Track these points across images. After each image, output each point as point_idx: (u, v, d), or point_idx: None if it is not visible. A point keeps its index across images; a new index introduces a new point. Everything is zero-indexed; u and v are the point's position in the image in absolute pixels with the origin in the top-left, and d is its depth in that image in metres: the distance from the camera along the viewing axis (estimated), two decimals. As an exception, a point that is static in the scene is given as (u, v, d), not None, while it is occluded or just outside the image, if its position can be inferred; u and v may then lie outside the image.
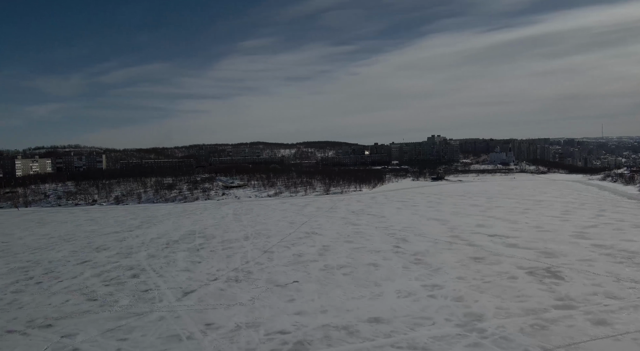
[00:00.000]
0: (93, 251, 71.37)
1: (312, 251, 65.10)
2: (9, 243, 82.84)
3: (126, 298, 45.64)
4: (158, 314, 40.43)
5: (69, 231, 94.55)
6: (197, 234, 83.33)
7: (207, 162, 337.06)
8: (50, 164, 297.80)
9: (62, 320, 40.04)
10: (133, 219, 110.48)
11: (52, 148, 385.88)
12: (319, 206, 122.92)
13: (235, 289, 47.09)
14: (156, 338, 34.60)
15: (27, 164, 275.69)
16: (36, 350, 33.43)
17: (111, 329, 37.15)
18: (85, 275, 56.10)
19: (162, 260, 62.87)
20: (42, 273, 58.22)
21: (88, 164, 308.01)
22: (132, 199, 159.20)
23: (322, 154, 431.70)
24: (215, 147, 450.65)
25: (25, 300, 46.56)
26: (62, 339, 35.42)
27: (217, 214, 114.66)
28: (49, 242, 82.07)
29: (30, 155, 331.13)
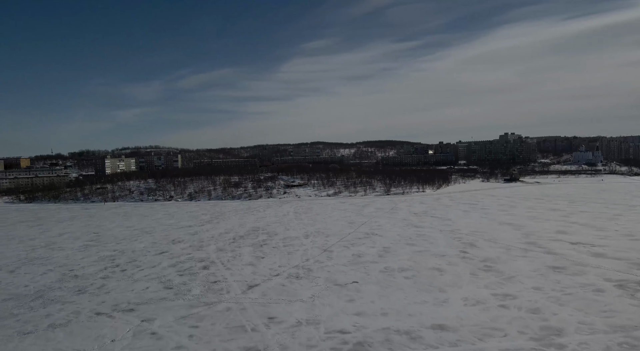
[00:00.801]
0: (169, 243, 77.74)
1: (372, 252, 64.15)
2: (99, 233, 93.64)
3: (198, 288, 48.89)
4: (225, 305, 42.70)
5: (149, 224, 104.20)
6: (260, 231, 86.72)
7: (270, 161, 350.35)
8: (134, 163, 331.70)
9: (142, 305, 44.08)
10: (204, 215, 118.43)
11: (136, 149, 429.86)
12: (379, 207, 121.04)
13: (296, 286, 48.03)
14: (224, 328, 36.54)
15: (115, 163, 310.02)
16: (120, 332, 37.12)
17: (184, 316, 40.04)
18: (163, 265, 61.20)
19: (229, 254, 66.38)
20: (127, 261, 64.75)
21: (166, 163, 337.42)
22: (203, 196, 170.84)
23: (383, 153, 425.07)
24: (278, 147, 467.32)
25: (111, 285, 52.09)
26: (142, 323, 38.94)
27: (279, 211, 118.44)
28: (132, 234, 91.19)
29: (117, 155, 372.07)
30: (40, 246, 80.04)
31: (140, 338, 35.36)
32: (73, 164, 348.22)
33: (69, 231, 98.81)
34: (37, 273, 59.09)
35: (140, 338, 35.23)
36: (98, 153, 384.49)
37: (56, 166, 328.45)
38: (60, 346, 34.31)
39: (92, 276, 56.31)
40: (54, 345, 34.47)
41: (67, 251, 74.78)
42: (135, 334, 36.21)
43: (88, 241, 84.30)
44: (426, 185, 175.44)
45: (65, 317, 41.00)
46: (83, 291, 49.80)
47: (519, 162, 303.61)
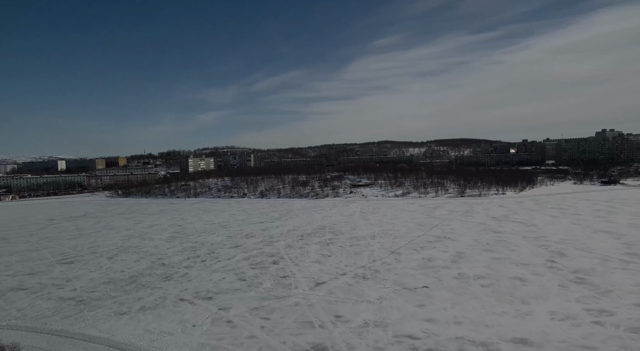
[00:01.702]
0: (243, 238, 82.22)
1: (444, 256, 60.96)
2: (183, 226, 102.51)
3: (268, 282, 50.92)
4: (294, 300, 43.83)
5: (225, 219, 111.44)
6: (327, 229, 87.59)
7: (336, 161, 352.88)
8: (212, 162, 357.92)
9: (219, 294, 47.15)
10: (274, 212, 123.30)
11: (214, 149, 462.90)
12: (452, 209, 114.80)
13: (362, 286, 47.51)
14: (292, 322, 37.52)
15: (196, 162, 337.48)
16: (200, 318, 40.08)
17: (257, 307, 41.96)
18: (237, 258, 64.89)
19: (297, 251, 68.10)
20: (206, 253, 69.85)
21: (240, 162, 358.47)
22: (273, 194, 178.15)
23: (456, 152, 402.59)
24: (344, 146, 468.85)
25: (193, 274, 56.55)
26: (219, 311, 41.63)
27: (345, 211, 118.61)
28: (211, 227, 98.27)
29: (198, 155, 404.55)
30: (134, 236, 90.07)
31: (217, 325, 37.84)
32: (162, 163, 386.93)
33: (157, 223, 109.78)
34: (131, 260, 66.51)
35: (218, 325, 37.69)
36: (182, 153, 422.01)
37: (148, 164, 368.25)
38: (149, 327, 38.11)
39: (177, 265, 61.75)
40: (144, 326, 38.40)
41: (156, 241, 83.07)
42: (214, 321, 38.84)
43: (173, 233, 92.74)
44: (507, 187, 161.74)
45: (154, 301, 45.49)
46: (169, 278, 54.85)
47: (620, 162, 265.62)
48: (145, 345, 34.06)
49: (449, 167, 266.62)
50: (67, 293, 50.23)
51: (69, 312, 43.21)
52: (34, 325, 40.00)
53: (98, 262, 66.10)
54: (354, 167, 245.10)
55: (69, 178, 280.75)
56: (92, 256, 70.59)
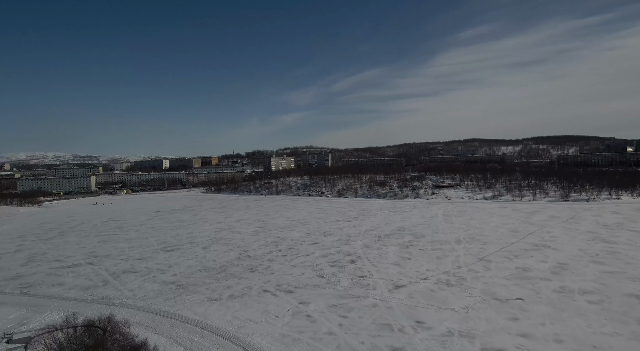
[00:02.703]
0: (321, 235, 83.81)
1: (543, 267, 54.59)
2: (266, 221, 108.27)
3: (346, 280, 51.01)
4: (372, 300, 43.16)
5: (304, 217, 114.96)
6: (406, 231, 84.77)
7: (417, 160, 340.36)
8: (293, 162, 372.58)
9: (299, 288, 48.62)
10: (351, 211, 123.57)
11: (294, 149, 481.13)
12: (553, 215, 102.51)
13: (446, 293, 44.83)
14: (370, 323, 36.95)
15: (278, 162, 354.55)
16: (282, 310, 41.73)
17: (335, 305, 42.30)
18: (316, 255, 66.29)
19: (375, 251, 67.09)
20: (287, 248, 72.70)
21: (318, 161, 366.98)
22: (350, 193, 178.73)
23: (559, 151, 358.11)
24: (426, 145, 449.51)
25: (275, 267, 59.24)
26: (299, 305, 42.87)
27: (426, 213, 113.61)
28: (291, 224, 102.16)
29: (280, 154, 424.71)
30: (224, 229, 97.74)
31: (297, 318, 39.00)
32: (248, 162, 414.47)
33: (244, 218, 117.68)
34: (221, 251, 72.19)
35: (298, 318, 38.83)
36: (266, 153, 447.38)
37: (236, 163, 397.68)
38: (236, 314, 40.83)
39: (261, 258, 65.34)
40: (232, 313, 41.25)
41: (243, 234, 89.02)
42: (294, 314, 40.13)
43: (258, 227, 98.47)
44: (622, 191, 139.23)
45: (241, 290, 48.66)
46: (254, 269, 58.27)
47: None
48: (233, 331, 36.53)
49: (550, 168, 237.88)
50: (169, 277, 56.38)
51: (170, 295, 48.42)
52: (142, 304, 45.62)
53: (194, 251, 73.07)
54: (436, 167, 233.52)
55: (171, 175, 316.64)
56: (189, 246, 78.32)
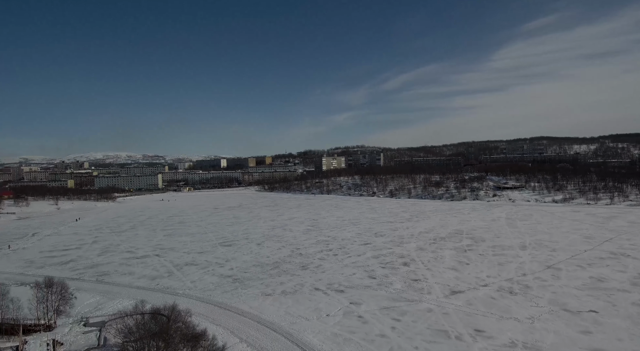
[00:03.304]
0: (372, 236, 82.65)
1: (621, 277, 48.96)
2: (317, 220, 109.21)
3: (399, 283, 49.70)
4: (427, 305, 41.57)
5: (355, 217, 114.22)
6: (464, 235, 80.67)
7: (476, 160, 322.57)
8: (343, 161, 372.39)
9: (350, 288, 48.27)
10: (404, 212, 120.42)
11: (345, 148, 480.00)
12: (634, 220, 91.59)
13: (509, 302, 41.87)
14: (425, 328, 35.57)
15: (329, 161, 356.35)
16: (333, 308, 41.67)
17: (387, 307, 41.38)
18: (367, 255, 65.48)
19: (429, 254, 64.65)
20: (337, 247, 72.66)
21: (370, 161, 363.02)
22: (403, 194, 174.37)
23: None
24: (487, 144, 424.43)
25: (326, 266, 59.42)
26: (350, 305, 42.53)
27: (486, 216, 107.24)
28: (342, 223, 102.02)
29: (331, 154, 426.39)
30: (277, 227, 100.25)
31: (349, 318, 38.72)
32: (299, 161, 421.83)
33: (296, 216, 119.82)
34: (274, 248, 74.05)
35: (349, 318, 38.54)
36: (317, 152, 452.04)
37: (288, 163, 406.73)
38: (289, 310, 41.54)
39: (312, 256, 65.97)
40: (285, 309, 42.05)
41: (295, 232, 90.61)
42: (345, 314, 39.90)
43: (309, 226, 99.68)
44: None
45: (293, 287, 49.47)
46: (305, 267, 58.98)
47: None
48: (286, 326, 37.19)
49: (630, 169, 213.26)
50: (226, 271, 58.98)
51: (227, 288, 50.60)
52: (202, 295, 48.15)
53: (249, 247, 75.77)
54: (498, 167, 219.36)
55: (228, 174, 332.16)
56: (244, 242, 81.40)
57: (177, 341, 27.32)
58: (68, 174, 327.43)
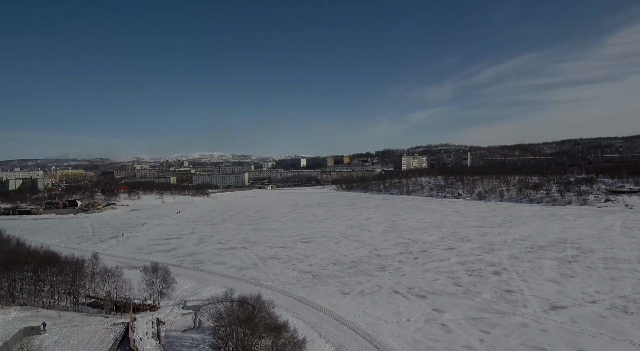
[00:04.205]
0: (457, 241, 77.59)
1: None
2: (396, 222, 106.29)
3: (488, 293, 45.77)
4: (521, 319, 37.53)
5: (438, 219, 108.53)
6: (568, 244, 71.23)
7: (584, 160, 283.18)
8: (425, 161, 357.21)
9: (432, 294, 45.85)
10: (495, 217, 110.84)
11: (427, 147, 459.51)
12: None
13: (622, 322, 35.77)
14: (519, 344, 32.07)
15: (409, 161, 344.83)
16: (413, 314, 39.95)
17: (474, 318, 38.34)
18: (451, 261, 61.63)
19: (525, 264, 58.45)
20: (418, 250, 69.73)
21: (455, 160, 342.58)
22: (494, 196, 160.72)
23: None
24: (597, 141, 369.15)
25: (406, 269, 57.36)
26: (433, 312, 40.35)
27: (597, 224, 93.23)
28: (423, 226, 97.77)
29: (411, 153, 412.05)
30: (354, 226, 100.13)
31: (431, 325, 36.78)
32: (377, 161, 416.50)
33: (373, 216, 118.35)
34: (352, 247, 73.97)
35: (431, 325, 36.60)
36: (396, 152, 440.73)
37: (366, 162, 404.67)
38: (367, 311, 40.99)
39: (391, 258, 64.35)
40: (363, 309, 41.60)
41: (373, 233, 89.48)
42: (427, 320, 38.00)
43: (388, 227, 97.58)
44: None
45: (371, 288, 48.75)
46: (384, 269, 57.75)
47: None
48: (365, 327, 36.74)
49: None
50: (306, 267, 60.62)
51: (306, 283, 51.95)
52: (283, 288, 50.13)
53: (327, 245, 76.91)
54: (612, 167, 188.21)
55: (307, 173, 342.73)
56: (323, 239, 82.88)
57: (261, 330, 28.71)
58: (171, 172, 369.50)
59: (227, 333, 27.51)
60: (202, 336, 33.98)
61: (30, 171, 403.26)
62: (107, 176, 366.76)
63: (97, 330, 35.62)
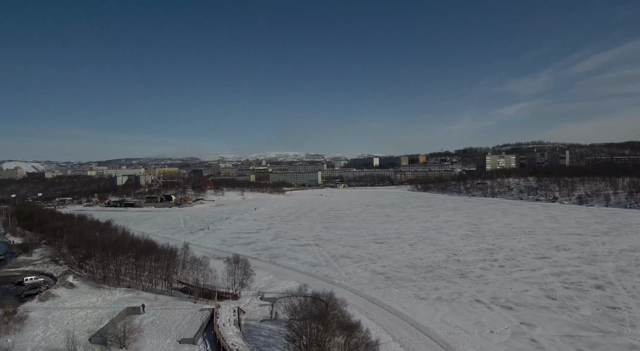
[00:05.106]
0: (552, 249, 69.49)
1: None
2: (478, 226, 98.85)
3: (588, 308, 40.14)
4: (629, 340, 32.23)
5: (528, 225, 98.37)
6: (697, 259, 59.42)
7: None
8: (514, 160, 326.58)
9: (520, 307, 41.57)
10: (598, 224, 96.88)
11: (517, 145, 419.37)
12: None
13: None
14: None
15: (495, 160, 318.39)
16: (498, 326, 36.63)
17: (570, 335, 33.86)
18: (544, 271, 55.37)
19: (635, 278, 50.14)
20: (504, 258, 63.92)
21: (550, 160, 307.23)
22: (598, 201, 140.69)
23: None
24: None
25: (490, 277, 52.93)
26: (521, 325, 36.57)
27: None
28: (510, 231, 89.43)
29: (497, 152, 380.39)
30: (430, 229, 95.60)
31: (518, 339, 33.41)
32: (458, 160, 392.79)
33: (452, 219, 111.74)
34: (428, 251, 70.66)
35: (519, 340, 33.24)
36: (479, 150, 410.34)
37: (444, 161, 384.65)
38: (445, 318, 38.68)
39: (472, 265, 59.98)
40: (441, 316, 39.35)
41: (451, 236, 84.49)
42: (514, 334, 34.62)
43: (468, 231, 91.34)
44: None
45: (450, 295, 45.94)
46: (464, 276, 54.03)
47: None
48: (442, 335, 34.73)
49: None
50: (378, 268, 59.51)
51: (379, 284, 50.94)
52: (355, 288, 49.80)
53: (401, 247, 74.62)
54: None
55: (380, 172, 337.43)
56: (396, 241, 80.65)
57: (334, 327, 28.77)
58: (250, 170, 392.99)
59: (301, 327, 28.08)
60: (278, 328, 35.27)
61: (135, 169, 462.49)
62: (196, 174, 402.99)
63: (186, 314, 39.09)
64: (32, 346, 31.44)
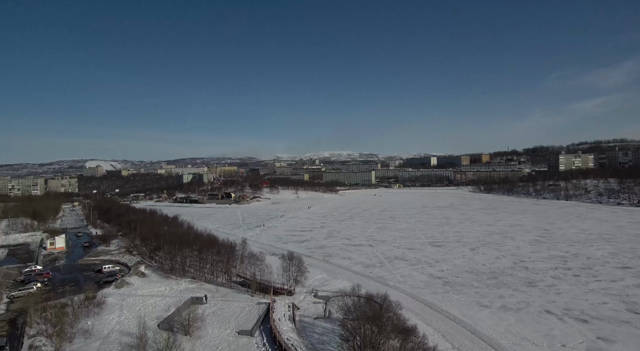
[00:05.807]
0: (636, 258, 61.73)
1: None
2: (550, 231, 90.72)
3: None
4: None
5: (608, 231, 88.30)
6: None
7: None
8: (592, 160, 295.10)
9: (597, 320, 37.44)
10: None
11: (595, 143, 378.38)
12: None
13: None
14: None
15: (569, 159, 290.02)
16: (571, 339, 33.33)
17: (663, 360, 29.82)
18: (626, 282, 49.39)
19: None
20: (580, 267, 58.01)
21: (634, 159, 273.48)
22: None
23: None
24: None
25: (562, 287, 48.31)
26: (597, 340, 32.95)
27: None
28: (587, 238, 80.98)
29: (572, 150, 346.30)
30: (494, 233, 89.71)
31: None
32: (526, 160, 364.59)
33: (520, 223, 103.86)
34: (491, 256, 66.37)
35: (597, 360, 29.93)
36: (551, 149, 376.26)
37: (511, 161, 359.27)
38: (510, 329, 36.00)
39: (542, 273, 55.22)
40: (505, 326, 36.69)
41: (518, 241, 78.56)
42: (589, 348, 31.32)
43: (538, 236, 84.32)
44: None
45: (516, 304, 42.69)
46: (533, 284, 49.90)
47: None
48: (507, 345, 32.42)
49: None
50: (436, 272, 57.14)
51: (437, 289, 48.87)
52: (411, 291, 48.26)
53: (461, 251, 70.97)
54: None
55: (438, 172, 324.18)
56: (456, 244, 76.86)
57: (389, 330, 28.11)
58: (304, 170, 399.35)
59: (355, 327, 27.81)
60: (332, 326, 35.30)
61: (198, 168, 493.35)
62: (253, 173, 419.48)
63: (244, 306, 40.70)
64: (109, 329, 34.76)
